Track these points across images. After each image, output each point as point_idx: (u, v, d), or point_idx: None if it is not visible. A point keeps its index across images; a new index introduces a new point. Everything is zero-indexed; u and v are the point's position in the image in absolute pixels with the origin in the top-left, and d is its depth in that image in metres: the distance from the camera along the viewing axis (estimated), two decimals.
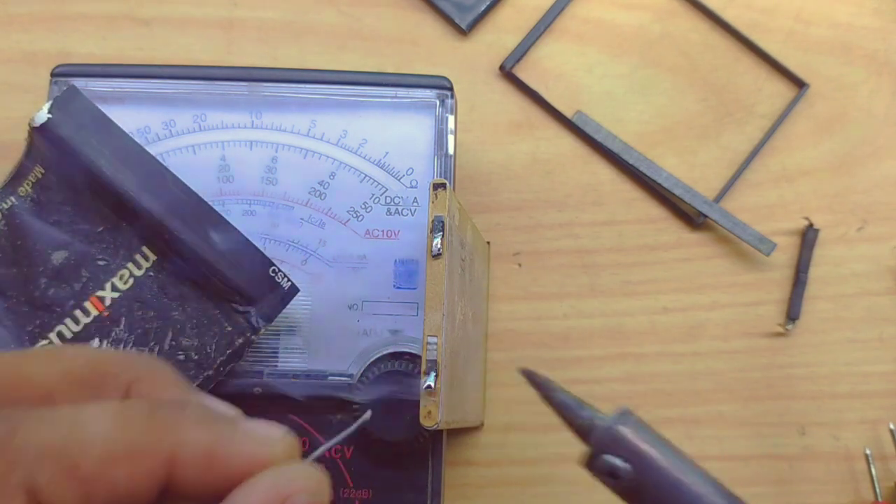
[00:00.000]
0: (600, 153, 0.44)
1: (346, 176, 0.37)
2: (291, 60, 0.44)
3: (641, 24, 0.46)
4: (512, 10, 0.46)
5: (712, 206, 0.42)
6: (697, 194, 0.42)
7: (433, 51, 0.45)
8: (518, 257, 0.43)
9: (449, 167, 0.37)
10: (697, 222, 0.43)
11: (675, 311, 0.43)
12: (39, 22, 0.44)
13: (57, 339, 0.34)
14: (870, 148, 0.45)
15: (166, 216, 0.34)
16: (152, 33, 0.44)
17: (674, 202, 0.44)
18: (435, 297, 0.28)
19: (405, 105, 0.38)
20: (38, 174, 0.35)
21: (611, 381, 0.42)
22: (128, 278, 0.34)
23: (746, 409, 0.42)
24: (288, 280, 0.35)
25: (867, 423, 0.42)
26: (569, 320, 0.43)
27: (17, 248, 0.34)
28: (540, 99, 0.44)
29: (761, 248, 0.43)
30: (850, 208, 0.44)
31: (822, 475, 0.42)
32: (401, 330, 0.36)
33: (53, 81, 0.37)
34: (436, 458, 0.36)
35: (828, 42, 0.46)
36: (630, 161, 0.43)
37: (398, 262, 0.37)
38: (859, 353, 0.43)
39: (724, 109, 0.45)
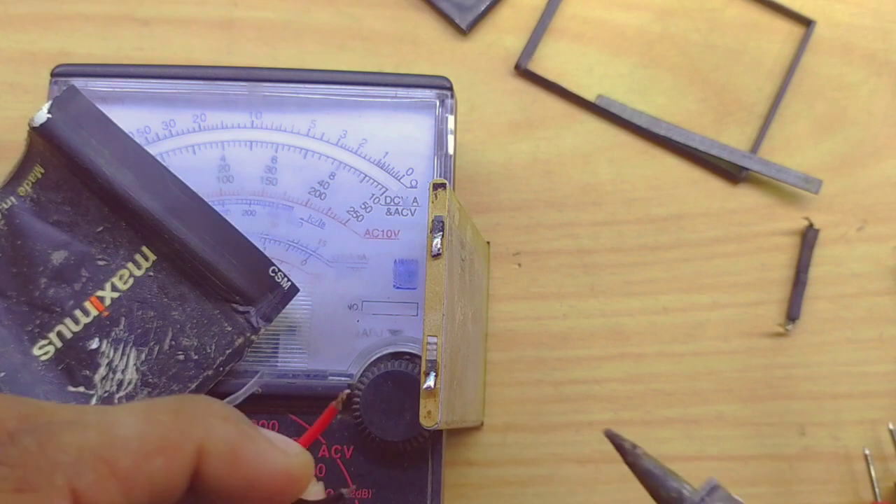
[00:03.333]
0: (628, 131, 0.45)
1: (346, 176, 0.37)
2: (291, 60, 0.44)
3: (641, 24, 0.46)
4: (512, 10, 0.46)
5: (752, 158, 0.43)
6: (735, 150, 0.43)
7: (433, 51, 0.45)
8: (518, 257, 0.43)
9: (449, 167, 0.37)
10: (741, 176, 0.44)
11: (675, 311, 0.43)
12: (39, 22, 0.44)
13: (57, 339, 0.34)
14: (870, 148, 0.45)
15: (166, 216, 0.34)
16: (152, 33, 0.44)
17: (712, 162, 0.44)
18: (435, 297, 0.28)
19: (405, 105, 0.38)
20: (37, 174, 0.35)
21: (611, 381, 0.42)
22: (128, 278, 0.34)
23: (746, 409, 0.42)
24: (288, 280, 0.35)
25: (867, 423, 0.42)
26: (569, 320, 0.43)
27: (16, 248, 0.34)
28: (561, 90, 0.44)
29: (809, 188, 0.43)
30: (850, 208, 0.44)
31: (822, 475, 0.42)
32: (401, 330, 0.36)
33: (53, 81, 0.37)
34: (436, 458, 0.36)
35: (828, 42, 0.46)
36: (661, 132, 0.44)
37: (398, 262, 0.37)
38: (859, 353, 0.43)
39: (724, 109, 0.45)
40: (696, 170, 0.45)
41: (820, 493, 0.42)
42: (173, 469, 0.19)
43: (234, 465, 0.20)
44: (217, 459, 0.20)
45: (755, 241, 0.44)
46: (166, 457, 0.19)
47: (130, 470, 0.18)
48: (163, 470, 0.19)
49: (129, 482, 0.18)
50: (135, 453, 0.18)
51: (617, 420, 0.42)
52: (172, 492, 0.19)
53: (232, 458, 0.20)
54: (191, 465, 0.19)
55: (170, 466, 0.19)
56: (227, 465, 0.20)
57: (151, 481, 0.19)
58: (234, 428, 0.20)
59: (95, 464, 0.18)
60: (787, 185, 0.44)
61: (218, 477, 0.20)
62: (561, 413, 0.42)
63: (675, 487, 0.23)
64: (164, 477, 0.19)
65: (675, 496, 0.23)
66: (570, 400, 0.42)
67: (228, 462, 0.20)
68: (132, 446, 0.18)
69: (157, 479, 0.19)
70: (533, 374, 0.42)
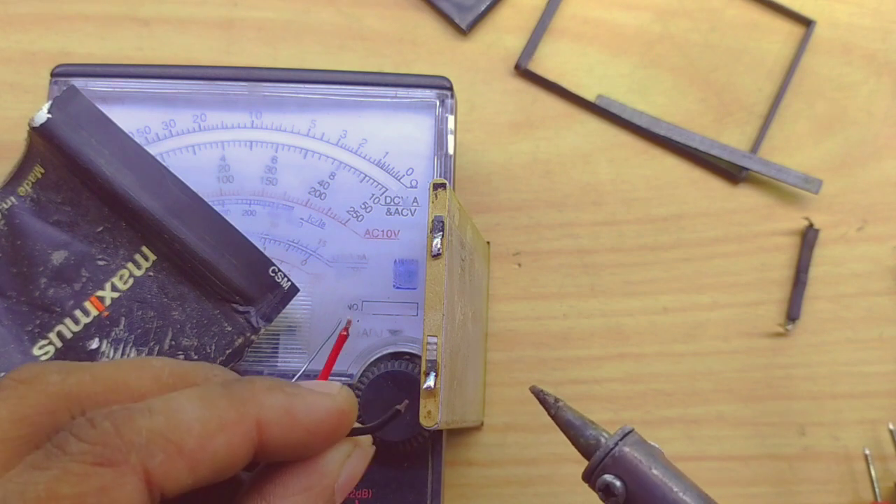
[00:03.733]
0: (628, 131, 0.45)
1: (346, 176, 0.37)
2: (291, 60, 0.44)
3: (641, 24, 0.46)
4: (512, 10, 0.46)
5: (752, 158, 0.42)
6: (735, 150, 0.43)
7: (433, 51, 0.45)
8: (518, 257, 0.43)
9: (449, 167, 0.37)
10: (740, 177, 0.44)
11: (675, 311, 0.43)
12: (39, 22, 0.44)
13: (57, 338, 0.34)
14: (870, 148, 0.45)
15: (166, 216, 0.34)
16: (152, 33, 0.44)
17: (712, 162, 0.44)
18: (435, 297, 0.28)
19: (405, 105, 0.38)
20: (38, 174, 0.35)
21: (611, 381, 0.42)
22: (128, 278, 0.34)
23: (746, 409, 0.42)
24: (288, 280, 0.35)
25: (867, 423, 0.42)
26: (569, 320, 0.43)
27: (16, 248, 0.34)
28: (561, 90, 0.44)
29: (808, 188, 0.43)
30: (850, 208, 0.44)
31: (822, 475, 0.42)
32: (401, 330, 0.36)
33: (53, 81, 0.37)
34: (436, 458, 0.36)
35: (828, 42, 0.46)
36: (661, 132, 0.44)
37: (398, 262, 0.37)
38: (859, 353, 0.43)
39: (725, 109, 0.45)
40: (696, 170, 0.45)
41: (820, 493, 0.42)
42: (234, 445, 0.21)
43: (292, 424, 0.22)
44: (276, 426, 0.22)
45: (755, 241, 0.44)
46: (227, 435, 0.21)
47: (195, 450, 0.20)
48: (224, 447, 0.21)
49: (194, 460, 0.20)
50: (198, 434, 0.20)
51: (617, 420, 0.42)
52: (236, 465, 0.21)
53: (288, 419, 0.22)
54: (251, 439, 0.21)
55: (231, 443, 0.21)
56: (286, 427, 0.22)
57: (215, 458, 0.21)
58: (282, 393, 0.22)
59: (164, 445, 0.20)
60: (787, 185, 0.44)
61: (281, 438, 0.22)
62: None
63: (593, 435, 0.25)
64: (226, 453, 0.21)
65: (594, 443, 0.24)
66: (571, 400, 0.41)
67: (286, 424, 0.22)
68: (195, 428, 0.20)
69: (219, 455, 0.21)
70: (533, 374, 0.42)
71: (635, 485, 0.24)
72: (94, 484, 0.19)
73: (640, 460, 0.24)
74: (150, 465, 0.20)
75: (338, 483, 0.23)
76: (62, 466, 0.19)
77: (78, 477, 0.19)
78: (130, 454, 0.19)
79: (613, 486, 0.24)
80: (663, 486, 0.24)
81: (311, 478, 0.23)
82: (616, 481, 0.24)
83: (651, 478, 0.24)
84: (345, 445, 0.24)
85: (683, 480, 0.24)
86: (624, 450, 0.24)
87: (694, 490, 0.24)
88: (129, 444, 0.20)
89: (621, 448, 0.24)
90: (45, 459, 0.19)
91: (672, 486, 0.24)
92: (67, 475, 0.19)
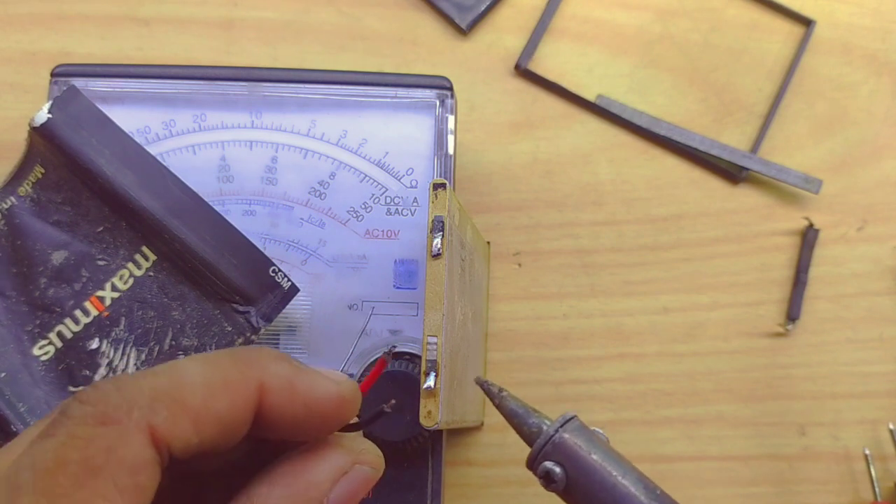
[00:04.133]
0: (628, 131, 0.45)
1: (346, 176, 0.37)
2: (291, 60, 0.44)
3: (641, 24, 0.46)
4: (512, 10, 0.46)
5: (752, 158, 0.42)
6: (735, 150, 0.42)
7: (433, 51, 0.45)
8: (518, 257, 0.43)
9: (449, 167, 0.37)
10: (741, 176, 0.44)
11: (675, 311, 0.43)
12: (39, 22, 0.44)
13: (57, 339, 0.34)
14: (870, 148, 0.45)
15: (166, 216, 0.34)
16: (152, 33, 0.44)
17: (712, 162, 0.44)
18: (435, 297, 0.28)
19: (405, 105, 0.38)
20: (38, 174, 0.35)
21: (611, 381, 0.42)
22: (128, 278, 0.34)
23: (746, 409, 0.42)
24: (288, 280, 0.35)
25: (867, 423, 0.42)
26: (569, 320, 0.43)
27: (17, 248, 0.34)
28: (561, 90, 0.44)
29: (809, 188, 0.43)
30: (850, 208, 0.44)
31: (822, 475, 0.42)
32: (401, 330, 0.36)
33: (53, 81, 0.37)
34: (436, 458, 0.36)
35: (828, 42, 0.46)
36: (661, 132, 0.44)
37: (398, 262, 0.37)
38: (859, 353, 0.43)
39: (724, 109, 0.45)
40: (696, 170, 0.45)
41: (820, 493, 0.42)
42: (238, 405, 0.21)
43: (293, 395, 0.22)
44: (277, 392, 0.22)
45: (755, 241, 0.44)
46: (230, 394, 0.21)
47: (199, 408, 0.20)
48: (228, 406, 0.21)
49: (198, 418, 0.20)
50: (202, 393, 0.21)
51: (617, 420, 0.42)
52: (239, 426, 0.21)
53: (289, 389, 0.22)
54: (253, 400, 0.22)
55: (234, 402, 0.21)
56: (287, 396, 0.22)
57: (219, 417, 0.21)
58: (288, 364, 0.23)
59: (168, 403, 0.20)
60: (787, 185, 0.44)
61: (280, 407, 0.22)
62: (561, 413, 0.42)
63: (535, 423, 0.25)
64: (229, 412, 0.21)
65: (536, 430, 0.25)
66: (570, 400, 0.42)
67: (287, 393, 0.22)
68: (199, 387, 0.21)
69: (223, 414, 0.21)
70: (533, 374, 0.42)
71: (575, 470, 0.24)
72: (100, 445, 0.19)
73: (579, 446, 0.24)
74: (155, 421, 0.20)
75: (329, 499, 0.23)
76: (67, 431, 0.19)
77: (83, 440, 0.19)
78: (133, 411, 0.20)
79: (553, 473, 0.24)
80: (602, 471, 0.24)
81: (297, 483, 0.22)
82: (556, 467, 0.24)
83: (590, 463, 0.24)
84: (341, 458, 0.23)
85: (623, 465, 0.24)
86: (564, 436, 0.24)
87: (633, 473, 0.24)
88: (132, 402, 0.20)
89: (561, 434, 0.25)
90: (52, 427, 0.19)
91: (611, 471, 0.24)
92: (73, 439, 0.19)
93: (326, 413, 0.23)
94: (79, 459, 0.19)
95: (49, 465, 0.19)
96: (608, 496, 0.24)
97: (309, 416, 0.23)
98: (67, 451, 0.19)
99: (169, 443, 0.20)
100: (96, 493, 0.19)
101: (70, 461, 0.19)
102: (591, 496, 0.24)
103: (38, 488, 0.18)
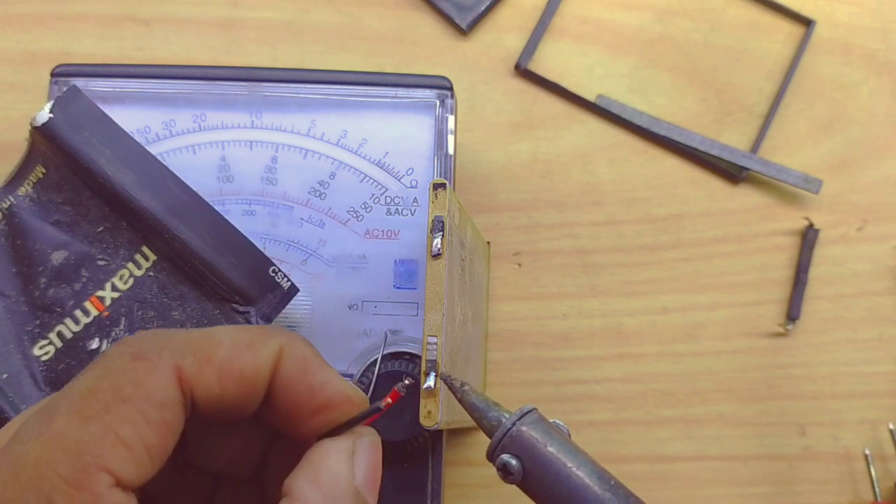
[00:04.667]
0: (628, 131, 0.45)
1: (346, 176, 0.37)
2: (291, 60, 0.44)
3: (641, 24, 0.46)
4: (512, 10, 0.46)
5: (752, 158, 0.42)
6: (735, 150, 0.42)
7: (433, 51, 0.45)
8: (518, 257, 0.43)
9: (449, 167, 0.37)
10: (741, 176, 0.44)
11: (675, 311, 0.43)
12: (39, 22, 0.44)
13: (57, 338, 0.34)
14: (870, 148, 0.45)
15: (166, 216, 0.34)
16: (152, 33, 0.44)
17: (712, 162, 0.44)
18: (435, 296, 0.28)
19: (405, 105, 0.38)
20: (38, 174, 0.35)
21: (611, 381, 0.42)
22: (128, 278, 0.34)
23: (746, 409, 0.42)
24: (288, 280, 0.35)
25: (867, 423, 0.42)
26: (569, 320, 0.43)
27: (17, 248, 0.34)
28: (561, 90, 0.44)
29: (809, 188, 0.43)
30: (850, 208, 0.44)
31: (822, 475, 0.42)
32: (401, 330, 0.36)
33: (53, 81, 0.37)
34: (436, 458, 0.36)
35: (828, 42, 0.46)
36: (661, 132, 0.44)
37: (398, 262, 0.37)
38: (859, 353, 0.43)
39: (724, 109, 0.45)
40: (696, 170, 0.45)
41: (820, 493, 0.42)
42: (259, 363, 0.23)
43: (305, 371, 0.24)
44: (292, 361, 0.23)
45: (755, 241, 0.44)
46: (253, 353, 0.23)
47: (223, 361, 0.22)
48: (250, 363, 0.23)
49: (222, 371, 0.22)
50: (227, 348, 0.23)
51: (617, 420, 0.42)
52: (258, 385, 0.23)
53: (303, 364, 0.24)
54: (272, 361, 0.23)
55: (256, 360, 0.23)
56: (299, 369, 0.23)
57: (241, 372, 0.23)
58: (307, 346, 0.24)
59: (195, 352, 0.22)
60: (787, 185, 0.44)
61: (290, 378, 0.23)
62: (561, 413, 0.42)
63: (495, 416, 0.25)
64: (251, 369, 0.23)
65: (496, 423, 0.25)
66: (570, 400, 0.42)
67: (300, 367, 0.24)
68: (226, 344, 0.23)
69: (245, 370, 0.23)
70: (533, 374, 0.42)
71: (531, 462, 0.25)
72: (130, 377, 0.21)
73: (535, 438, 0.25)
74: (182, 363, 0.22)
75: (357, 481, 0.24)
76: (103, 364, 0.21)
77: (115, 372, 0.21)
78: (163, 352, 0.22)
79: (510, 465, 0.25)
80: (557, 462, 0.24)
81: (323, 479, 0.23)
82: (512, 460, 0.25)
83: (546, 454, 0.24)
84: (343, 443, 0.24)
85: (579, 456, 0.25)
86: (521, 429, 0.25)
87: (589, 465, 0.25)
88: (162, 345, 0.22)
89: (518, 427, 0.25)
90: (93, 364, 0.22)
91: (566, 462, 0.24)
92: (107, 371, 0.21)
93: (330, 403, 0.24)
94: (109, 388, 0.21)
95: (84, 392, 0.21)
96: (563, 487, 0.24)
97: (313, 398, 0.24)
98: (100, 381, 0.21)
99: (193, 387, 0.22)
100: (124, 419, 0.20)
101: (102, 388, 0.21)
102: (546, 487, 0.24)
103: (72, 409, 0.20)
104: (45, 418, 0.20)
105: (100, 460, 0.20)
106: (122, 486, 0.20)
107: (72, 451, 0.20)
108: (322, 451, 0.24)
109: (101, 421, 0.20)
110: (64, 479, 0.19)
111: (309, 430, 0.24)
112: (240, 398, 0.23)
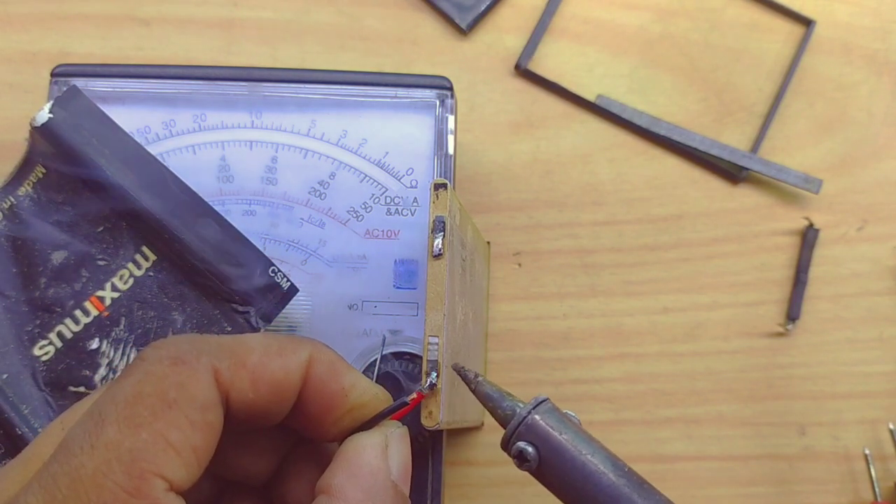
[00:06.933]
0: (628, 131, 0.45)
1: (346, 176, 0.37)
2: (291, 60, 0.44)
3: (641, 24, 0.46)
4: (512, 10, 0.46)
5: (752, 158, 0.42)
6: (735, 150, 0.43)
7: (433, 51, 0.45)
8: (518, 257, 0.43)
9: (449, 167, 0.37)
10: (741, 176, 0.44)
11: (675, 311, 0.43)
12: (39, 22, 0.44)
13: (57, 339, 0.34)
14: (870, 148, 0.45)
15: (166, 216, 0.34)
16: (152, 33, 0.44)
17: (712, 162, 0.44)
18: (436, 297, 0.28)
19: (405, 105, 0.38)
20: (39, 174, 0.35)
21: (611, 381, 0.42)
22: (128, 278, 0.34)
23: (746, 409, 0.42)
24: (288, 280, 0.35)
25: (867, 423, 0.42)
26: (569, 320, 0.43)
27: (17, 248, 0.34)
28: (561, 90, 0.44)
29: (809, 188, 0.43)
30: (850, 208, 0.45)
31: (822, 475, 0.42)
32: (401, 330, 0.36)
33: (53, 81, 0.37)
34: (436, 458, 0.36)
35: (828, 42, 0.46)
36: (661, 132, 0.44)
37: (398, 262, 0.37)
38: (859, 353, 0.43)
39: (725, 109, 0.45)
40: (696, 170, 0.45)
41: (820, 493, 0.42)
42: (290, 368, 0.24)
43: (335, 374, 0.25)
44: (322, 366, 0.24)
45: (755, 241, 0.44)
46: (284, 359, 0.24)
47: (256, 366, 0.23)
48: (282, 369, 0.24)
49: (255, 375, 0.23)
50: (260, 354, 0.23)
51: (617, 420, 0.42)
52: (289, 391, 0.24)
53: (332, 368, 0.25)
54: (303, 367, 0.24)
55: (287, 366, 0.24)
56: (329, 373, 0.24)
57: (273, 377, 0.23)
58: (332, 351, 0.25)
59: (230, 356, 0.23)
60: (787, 185, 0.44)
61: (322, 381, 0.24)
62: None
63: (509, 406, 0.26)
64: (282, 374, 0.24)
65: (510, 413, 0.26)
66: (570, 400, 0.42)
67: (330, 371, 0.24)
68: (257, 349, 0.24)
69: (277, 375, 0.23)
70: (533, 374, 0.42)
71: (546, 450, 0.25)
72: (173, 381, 0.21)
73: (550, 426, 0.25)
74: (219, 366, 0.22)
75: (394, 476, 0.24)
76: (144, 369, 0.22)
77: (158, 377, 0.21)
78: (202, 356, 0.22)
79: (526, 452, 0.25)
80: (572, 450, 0.25)
81: (362, 474, 0.24)
82: (528, 447, 0.25)
83: (561, 442, 0.25)
84: (376, 437, 0.25)
85: (593, 444, 0.25)
86: (535, 417, 0.25)
87: (602, 452, 0.25)
88: (200, 349, 0.22)
89: (533, 416, 0.25)
90: (130, 369, 0.22)
91: (581, 449, 0.25)
92: (149, 376, 0.21)
93: (359, 402, 0.25)
94: (155, 392, 0.21)
95: (129, 398, 0.21)
96: (578, 473, 0.25)
97: (344, 401, 0.25)
98: (144, 386, 0.21)
99: (228, 389, 0.23)
100: (171, 424, 0.21)
101: (147, 394, 0.21)
102: (562, 474, 0.25)
103: (122, 417, 0.21)
104: (94, 427, 0.21)
105: (154, 466, 0.20)
106: (174, 489, 0.21)
107: (126, 460, 0.20)
108: (357, 447, 0.25)
109: (151, 427, 0.21)
110: (122, 488, 0.20)
111: (338, 430, 0.25)
112: (271, 403, 0.23)
